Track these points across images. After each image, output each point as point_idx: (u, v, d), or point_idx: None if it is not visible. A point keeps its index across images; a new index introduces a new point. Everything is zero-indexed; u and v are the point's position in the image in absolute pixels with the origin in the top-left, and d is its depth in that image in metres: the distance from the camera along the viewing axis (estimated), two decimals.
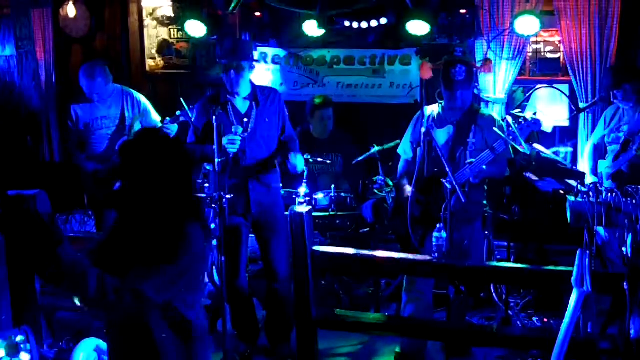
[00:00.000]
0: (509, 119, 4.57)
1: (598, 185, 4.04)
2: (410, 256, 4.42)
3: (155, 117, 5.98)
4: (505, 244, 5.66)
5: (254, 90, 4.91)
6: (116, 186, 5.73)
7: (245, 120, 4.84)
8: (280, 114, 4.99)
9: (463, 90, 4.69)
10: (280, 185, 5.17)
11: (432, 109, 4.88)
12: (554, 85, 6.39)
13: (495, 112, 6.08)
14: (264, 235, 4.98)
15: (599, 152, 5.50)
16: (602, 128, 5.49)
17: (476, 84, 6.11)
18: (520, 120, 4.48)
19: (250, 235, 5.05)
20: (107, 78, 5.84)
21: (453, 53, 6.19)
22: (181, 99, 5.51)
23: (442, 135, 4.71)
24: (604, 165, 5.34)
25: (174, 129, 5.78)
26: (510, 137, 4.45)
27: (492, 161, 4.55)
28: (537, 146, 5.39)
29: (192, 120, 5.02)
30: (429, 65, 6.03)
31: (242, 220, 4.89)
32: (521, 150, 4.51)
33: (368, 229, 5.89)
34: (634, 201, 3.62)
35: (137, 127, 5.84)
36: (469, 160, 4.55)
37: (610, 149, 5.37)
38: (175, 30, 7.73)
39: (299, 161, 4.93)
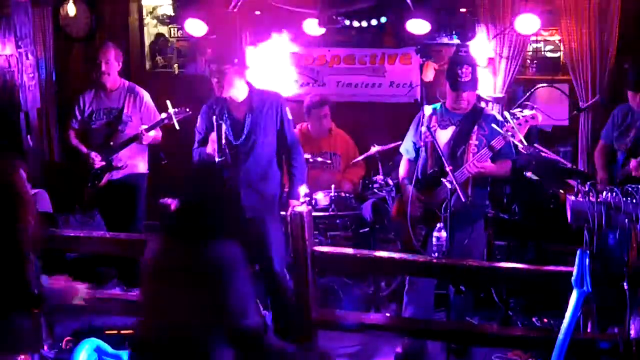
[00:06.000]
0: (507, 114, 4.56)
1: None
2: (410, 256, 4.43)
3: (157, 115, 5.99)
4: (505, 243, 5.66)
5: (250, 95, 4.80)
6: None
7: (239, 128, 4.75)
8: (278, 120, 4.82)
9: (469, 91, 4.70)
10: (278, 191, 4.99)
11: (433, 108, 4.87)
12: (554, 85, 6.39)
13: (495, 111, 6.07)
14: (259, 235, 4.80)
15: (607, 152, 5.38)
16: (611, 127, 5.33)
17: None
18: (517, 116, 4.48)
19: None
20: (119, 64, 5.98)
21: (458, 52, 6.17)
22: (167, 101, 5.57)
23: (444, 135, 4.70)
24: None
25: (151, 135, 5.87)
26: (509, 133, 4.44)
27: (494, 159, 4.55)
28: (537, 146, 5.37)
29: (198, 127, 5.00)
30: (432, 66, 6.03)
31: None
32: (520, 146, 4.50)
33: (368, 229, 5.88)
34: (634, 200, 3.60)
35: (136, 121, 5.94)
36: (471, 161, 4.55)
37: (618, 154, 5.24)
38: (175, 29, 7.72)
39: (302, 192, 4.79)
